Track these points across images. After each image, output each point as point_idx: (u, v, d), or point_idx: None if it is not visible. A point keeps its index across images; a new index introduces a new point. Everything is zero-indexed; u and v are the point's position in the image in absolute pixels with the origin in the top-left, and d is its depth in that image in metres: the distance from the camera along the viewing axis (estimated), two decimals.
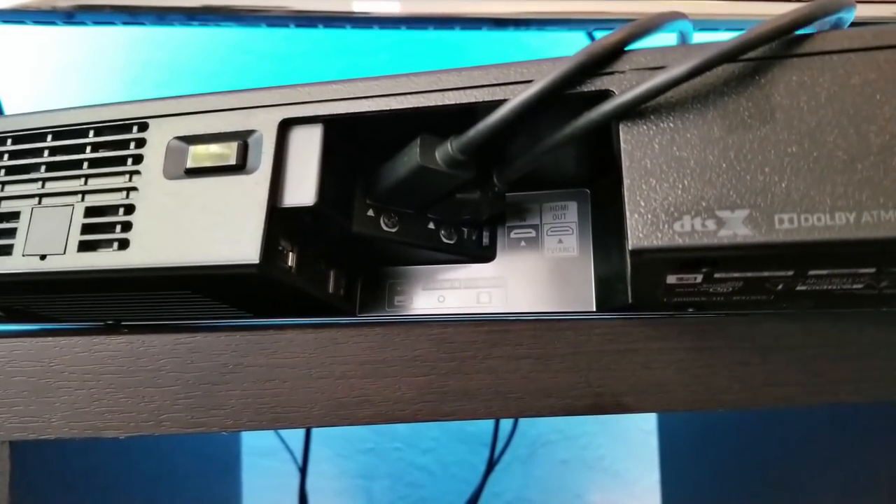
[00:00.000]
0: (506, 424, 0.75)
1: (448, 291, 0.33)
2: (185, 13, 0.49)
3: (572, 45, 0.55)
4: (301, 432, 0.73)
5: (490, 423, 0.74)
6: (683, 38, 0.30)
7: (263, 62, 0.79)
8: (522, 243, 0.33)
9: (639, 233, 0.22)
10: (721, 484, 0.61)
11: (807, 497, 0.47)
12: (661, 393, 0.28)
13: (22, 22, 0.50)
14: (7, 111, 0.62)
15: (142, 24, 0.51)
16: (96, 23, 0.50)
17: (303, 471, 0.72)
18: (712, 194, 0.21)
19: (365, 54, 0.80)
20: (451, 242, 0.31)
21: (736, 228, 0.21)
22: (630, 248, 0.22)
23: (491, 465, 0.74)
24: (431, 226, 0.31)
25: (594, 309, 0.31)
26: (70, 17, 0.49)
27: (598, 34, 0.56)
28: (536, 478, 0.81)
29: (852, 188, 0.21)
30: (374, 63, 0.80)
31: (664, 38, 0.28)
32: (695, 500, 0.68)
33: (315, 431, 0.75)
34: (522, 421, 0.76)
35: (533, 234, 0.32)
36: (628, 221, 0.22)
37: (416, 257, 0.33)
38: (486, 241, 0.32)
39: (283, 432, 0.75)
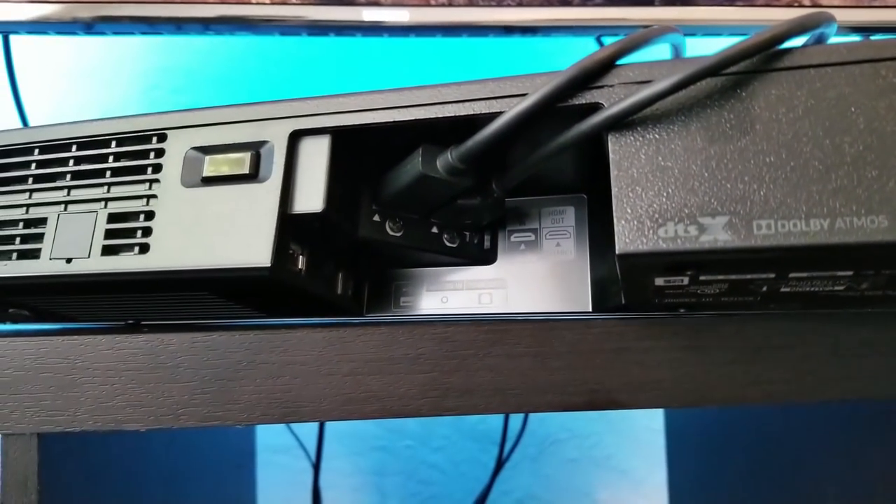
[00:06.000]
0: (515, 423, 0.76)
1: (451, 293, 0.34)
2: (201, 23, 0.50)
3: (583, 48, 0.56)
4: (315, 430, 0.74)
5: (500, 421, 0.76)
6: (677, 51, 0.31)
7: (278, 67, 0.81)
8: (522, 246, 0.34)
9: (625, 238, 0.23)
10: (728, 482, 0.62)
11: (814, 496, 0.48)
12: (654, 390, 0.29)
13: (44, 32, 0.52)
14: (28, 116, 0.64)
15: (160, 33, 0.52)
16: (116, 33, 0.52)
17: (316, 467, 0.74)
18: (695, 202, 0.23)
19: (378, 58, 0.81)
20: (454, 246, 0.33)
21: (716, 234, 0.22)
22: (617, 252, 0.23)
23: (500, 462, 0.75)
24: (435, 230, 0.32)
25: (590, 309, 0.32)
26: (90, 27, 0.51)
27: (607, 40, 0.57)
28: (545, 476, 0.82)
29: (827, 196, 0.22)
30: (387, 66, 0.81)
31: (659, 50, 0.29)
32: (702, 498, 0.69)
33: (328, 429, 0.76)
34: (532, 420, 0.77)
35: (532, 237, 0.34)
36: (616, 227, 0.23)
37: (420, 260, 0.34)
38: (487, 244, 0.34)
39: (297, 430, 0.77)
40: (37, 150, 0.30)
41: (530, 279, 0.33)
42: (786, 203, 0.22)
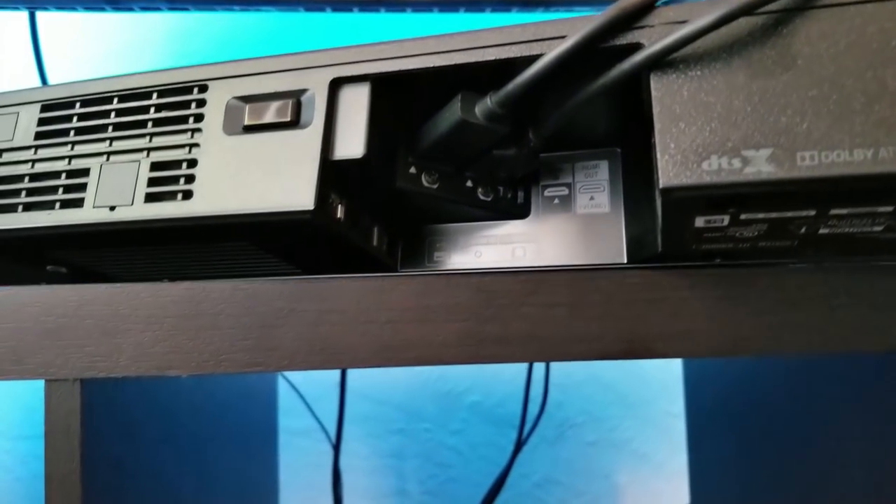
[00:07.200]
0: (533, 407, 0.76)
1: (484, 247, 0.34)
2: None
3: None
4: (335, 413, 0.74)
5: (518, 405, 0.76)
6: None
7: (301, 47, 0.82)
8: (556, 201, 0.34)
9: (669, 172, 0.23)
10: (749, 466, 0.62)
11: (837, 479, 0.48)
12: (689, 340, 0.29)
13: (73, 8, 0.53)
14: None
15: (186, 9, 0.53)
16: (143, 9, 0.53)
17: (336, 449, 0.74)
18: (738, 136, 0.23)
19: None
20: (488, 199, 0.33)
21: (760, 166, 0.23)
22: (661, 186, 0.23)
23: (519, 445, 0.75)
24: (469, 184, 0.33)
25: (625, 262, 0.32)
26: (116, 3, 0.51)
27: None
28: (564, 459, 0.82)
29: (870, 127, 0.22)
30: None
31: None
32: (722, 482, 0.69)
33: (348, 413, 0.76)
34: (550, 403, 0.77)
35: (566, 191, 0.34)
36: (659, 162, 0.23)
37: (454, 214, 0.35)
38: (520, 198, 0.34)
39: (318, 412, 0.77)
40: (78, 104, 0.31)
41: (564, 233, 0.34)
42: (829, 135, 0.22)
